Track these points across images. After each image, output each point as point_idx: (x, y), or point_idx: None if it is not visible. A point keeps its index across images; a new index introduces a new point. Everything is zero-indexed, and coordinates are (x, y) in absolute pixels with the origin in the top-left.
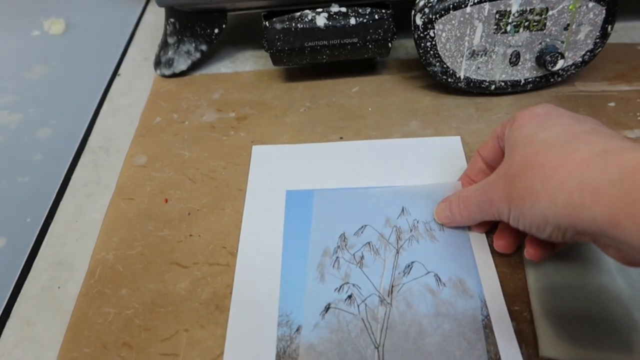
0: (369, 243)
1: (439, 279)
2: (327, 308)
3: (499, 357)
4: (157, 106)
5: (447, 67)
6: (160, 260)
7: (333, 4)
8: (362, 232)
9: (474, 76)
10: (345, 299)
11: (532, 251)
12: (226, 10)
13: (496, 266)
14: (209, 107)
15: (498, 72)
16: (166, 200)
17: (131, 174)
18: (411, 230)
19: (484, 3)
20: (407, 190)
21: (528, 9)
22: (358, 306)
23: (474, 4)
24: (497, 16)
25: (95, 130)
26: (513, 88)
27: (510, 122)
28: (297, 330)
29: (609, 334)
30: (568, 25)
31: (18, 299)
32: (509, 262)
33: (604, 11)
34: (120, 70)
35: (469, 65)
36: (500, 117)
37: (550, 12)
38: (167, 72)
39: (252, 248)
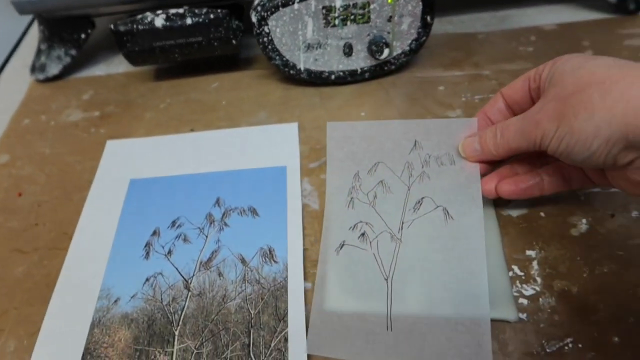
0: (381, 181)
1: (447, 212)
2: (342, 245)
3: None
4: (28, 109)
5: (287, 60)
6: (3, 249)
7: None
8: (375, 170)
9: (313, 67)
10: (359, 237)
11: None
12: (90, 16)
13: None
14: (76, 108)
15: (335, 63)
16: (19, 194)
17: None
18: (422, 166)
19: (309, 0)
20: (420, 124)
21: (351, 3)
22: (370, 242)
23: (301, 1)
24: (323, 11)
25: None
26: (352, 77)
27: (550, 63)
28: (115, 301)
29: (365, 294)
30: (390, 17)
31: None
32: None
33: (420, 3)
34: (0, 78)
35: (307, 57)
36: (340, 104)
37: (372, 6)
38: (41, 76)
39: (87, 231)
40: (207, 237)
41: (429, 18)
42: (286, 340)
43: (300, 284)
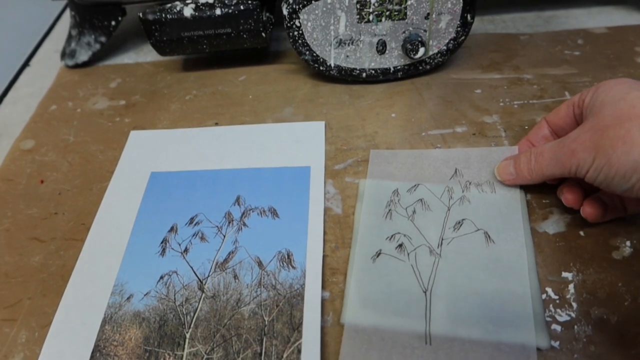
0: (421, 200)
1: (488, 236)
2: (379, 254)
3: None
4: (57, 95)
5: (317, 55)
6: (23, 236)
7: None
8: (414, 190)
9: (344, 64)
10: (396, 247)
11: (590, 210)
12: (121, 3)
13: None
14: (103, 96)
15: (367, 60)
16: (42, 182)
17: (16, 156)
18: (463, 191)
19: None
20: (461, 152)
21: None
22: (408, 254)
23: None
24: (358, 6)
25: None
26: (384, 76)
27: (593, 89)
28: (128, 298)
29: (403, 305)
30: (428, 14)
31: None
32: None
33: (461, 0)
34: (32, 62)
35: (338, 53)
36: (370, 103)
37: (409, 2)
38: (70, 62)
39: (104, 224)
40: (224, 236)
41: (469, 17)
42: (299, 352)
43: (317, 293)
